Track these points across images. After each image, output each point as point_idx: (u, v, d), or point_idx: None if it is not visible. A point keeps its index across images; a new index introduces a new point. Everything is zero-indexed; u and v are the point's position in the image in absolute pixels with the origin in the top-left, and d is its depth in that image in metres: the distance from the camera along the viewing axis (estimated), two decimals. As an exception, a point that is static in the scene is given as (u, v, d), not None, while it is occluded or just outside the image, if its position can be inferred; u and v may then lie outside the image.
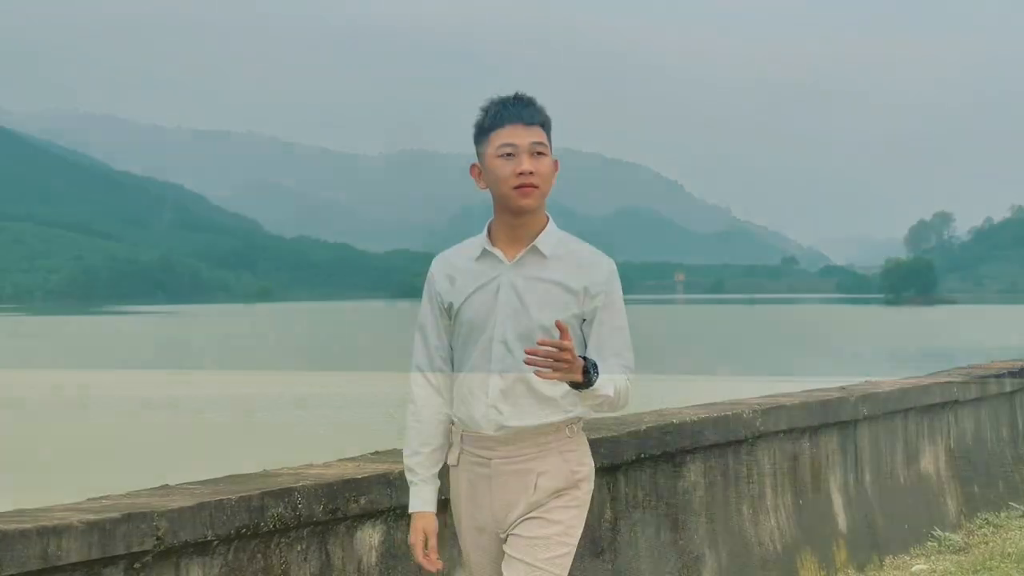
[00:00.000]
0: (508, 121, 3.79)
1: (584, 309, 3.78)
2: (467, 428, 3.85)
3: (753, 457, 7.14)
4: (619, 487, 6.19)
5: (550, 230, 3.84)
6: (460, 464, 3.92)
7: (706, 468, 6.77)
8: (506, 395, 3.78)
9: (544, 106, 3.88)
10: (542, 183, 3.78)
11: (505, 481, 3.83)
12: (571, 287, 3.77)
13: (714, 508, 6.82)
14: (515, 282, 3.79)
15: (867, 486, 8.20)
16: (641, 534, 6.31)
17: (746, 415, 7.01)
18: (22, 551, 3.77)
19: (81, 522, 3.94)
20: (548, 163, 3.81)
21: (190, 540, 4.24)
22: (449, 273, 3.89)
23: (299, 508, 4.58)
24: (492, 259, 3.83)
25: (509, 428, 3.79)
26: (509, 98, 3.83)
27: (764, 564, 7.07)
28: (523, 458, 3.81)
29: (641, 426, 6.30)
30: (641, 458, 6.26)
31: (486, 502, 3.87)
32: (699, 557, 6.65)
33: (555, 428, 3.81)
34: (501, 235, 3.84)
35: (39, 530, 3.82)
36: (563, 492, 3.84)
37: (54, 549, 3.85)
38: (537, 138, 3.79)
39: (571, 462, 3.85)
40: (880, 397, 8.29)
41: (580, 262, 3.81)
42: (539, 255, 3.80)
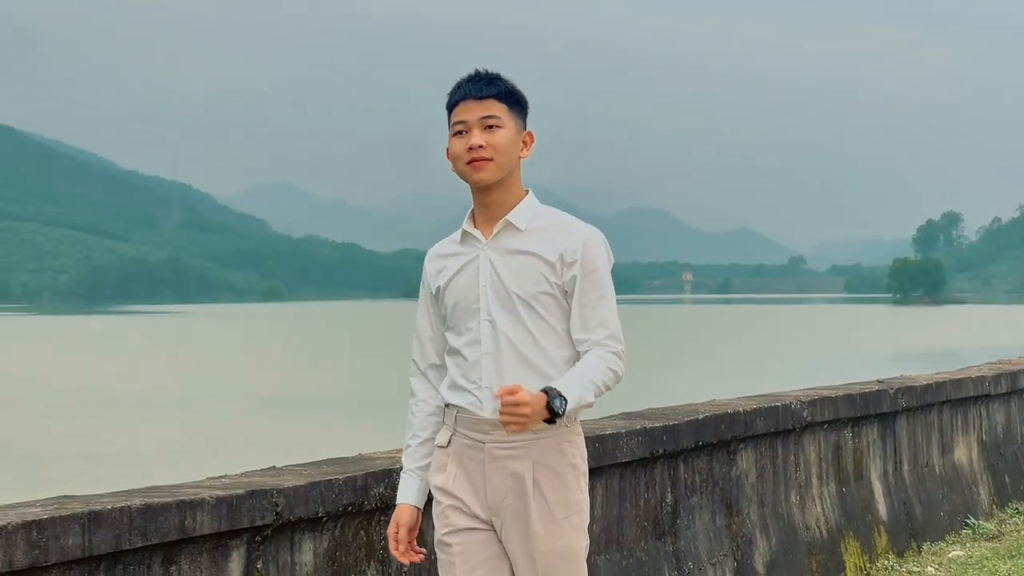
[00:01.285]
0: (460, 98, 3.78)
1: (563, 280, 3.72)
2: (462, 410, 3.77)
3: (800, 446, 7.48)
4: (679, 473, 6.52)
5: (526, 204, 3.80)
6: (451, 445, 3.81)
7: (757, 456, 7.10)
8: (501, 375, 3.71)
9: (510, 80, 3.82)
10: (496, 155, 3.73)
11: (500, 466, 3.73)
12: (546, 257, 3.72)
13: (764, 494, 7.16)
14: (492, 258, 3.77)
15: (905, 475, 8.54)
16: (698, 518, 6.64)
17: (794, 406, 7.34)
18: (164, 522, 4.13)
19: (212, 497, 4.29)
20: (504, 135, 3.73)
21: (303, 516, 4.59)
22: (437, 262, 3.90)
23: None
24: (471, 239, 3.82)
25: None
26: (465, 77, 3.82)
27: (811, 548, 7.41)
28: (518, 443, 3.71)
29: (699, 415, 6.63)
30: (699, 445, 6.60)
31: (480, 486, 3.76)
32: (751, 540, 6.98)
33: None
34: (479, 215, 3.83)
35: (178, 504, 4.17)
36: (565, 500, 3.72)
37: (190, 522, 4.21)
38: (488, 112, 3.74)
39: (567, 453, 3.75)
40: (917, 390, 8.62)
41: (555, 234, 3.75)
42: (514, 229, 3.76)
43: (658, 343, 69.23)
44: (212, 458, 25.14)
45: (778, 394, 7.82)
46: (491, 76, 3.79)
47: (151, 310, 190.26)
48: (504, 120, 3.75)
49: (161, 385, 45.75)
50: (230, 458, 23.19)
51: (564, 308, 3.73)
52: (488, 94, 3.75)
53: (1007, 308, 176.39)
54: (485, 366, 3.72)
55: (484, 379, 3.72)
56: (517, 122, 3.79)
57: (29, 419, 34.91)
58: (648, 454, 6.23)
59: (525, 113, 3.83)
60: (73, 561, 3.90)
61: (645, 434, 6.21)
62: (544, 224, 3.76)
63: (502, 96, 3.76)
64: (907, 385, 8.57)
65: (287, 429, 31.35)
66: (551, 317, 3.71)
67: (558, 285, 3.71)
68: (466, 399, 3.76)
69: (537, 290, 3.71)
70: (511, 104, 3.77)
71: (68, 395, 41.80)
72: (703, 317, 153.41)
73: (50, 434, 31.85)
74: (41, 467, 26.37)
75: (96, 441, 30.25)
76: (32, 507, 4.03)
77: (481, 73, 3.80)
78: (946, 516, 8.83)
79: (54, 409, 37.41)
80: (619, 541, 6.13)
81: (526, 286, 3.71)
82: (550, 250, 3.72)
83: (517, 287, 3.72)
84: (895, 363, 46.97)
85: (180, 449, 28.47)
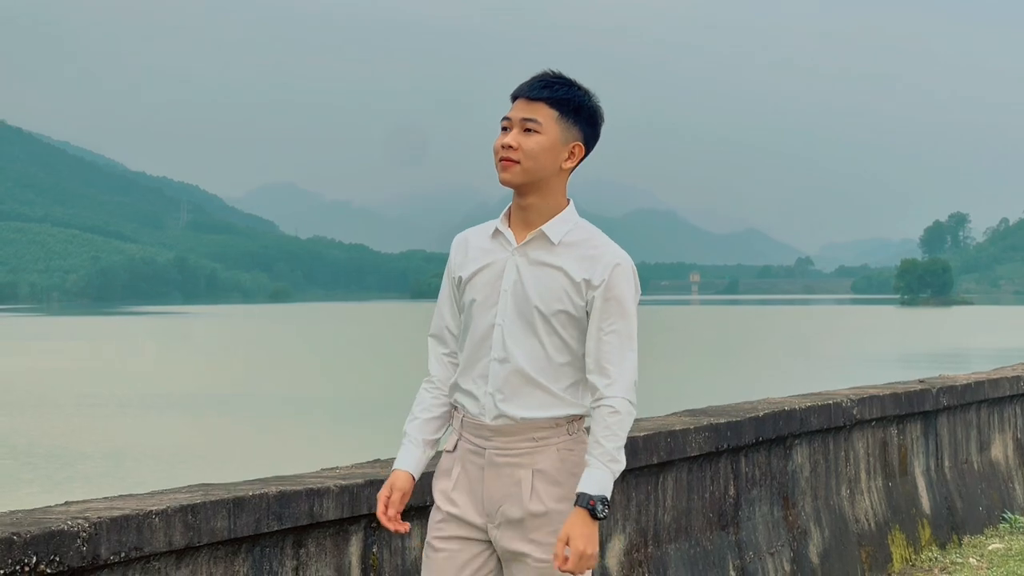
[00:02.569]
0: (518, 95, 3.72)
1: (586, 301, 3.66)
2: (467, 414, 3.74)
3: (850, 443, 7.84)
4: (740, 467, 6.88)
5: (563, 217, 3.73)
6: (457, 451, 3.79)
7: (811, 451, 7.46)
8: (507, 383, 3.67)
9: (581, 88, 3.75)
10: (524, 159, 3.65)
11: (499, 473, 3.69)
12: (573, 276, 3.66)
13: (817, 488, 7.52)
14: (519, 264, 3.71)
15: (946, 471, 8.89)
16: (758, 510, 7.00)
17: (844, 404, 7.70)
18: (296, 508, 4.49)
19: (336, 486, 4.65)
20: (538, 141, 3.66)
21: (413, 504, 4.94)
22: (463, 248, 3.84)
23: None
24: (502, 239, 3.75)
25: (506, 418, 3.67)
26: (536, 75, 3.75)
27: (860, 540, 7.76)
28: (518, 451, 3.68)
29: (759, 412, 6.99)
30: (759, 441, 6.96)
31: (479, 493, 3.73)
32: (806, 532, 7.34)
33: (555, 423, 3.69)
34: (514, 216, 3.76)
35: (307, 492, 4.53)
36: (563, 507, 3.68)
37: (317, 508, 4.57)
38: (530, 114, 3.67)
39: (568, 462, 3.69)
40: (957, 389, 8.97)
41: (587, 252, 3.68)
42: (547, 240, 3.69)
43: (667, 343, 69.46)
44: (235, 458, 25.52)
45: (829, 392, 8.17)
46: (553, 79, 3.72)
47: (160, 311, 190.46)
48: (545, 126, 3.66)
49: (177, 385, 46.10)
50: (259, 458, 23.57)
51: (582, 328, 3.68)
52: (539, 96, 3.68)
53: (1015, 309, 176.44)
54: (492, 371, 3.69)
55: (490, 384, 3.69)
56: (565, 131, 3.69)
57: (49, 419, 35.26)
58: (713, 449, 6.59)
59: (586, 123, 3.73)
60: (220, 542, 4.26)
61: (711, 430, 6.57)
62: (577, 240, 3.70)
63: (554, 102, 3.67)
64: (948, 385, 8.92)
65: (312, 429, 31.72)
66: (567, 335, 3.67)
67: (580, 306, 3.66)
68: (470, 402, 3.73)
69: (558, 307, 3.66)
70: (564, 111, 3.68)
71: (85, 395, 42.13)
72: (711, 318, 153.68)
73: (73, 433, 32.22)
74: (66, 466, 26.78)
75: (119, 440, 30.62)
76: (180, 493, 4.40)
77: (548, 74, 3.73)
78: (984, 511, 9.18)
79: (72, 409, 37.76)
80: (688, 531, 6.48)
81: (548, 300, 3.66)
82: (578, 269, 3.66)
83: (539, 300, 3.66)
84: (905, 365, 47.26)
85: (204, 449, 28.86)
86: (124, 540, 3.95)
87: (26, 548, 3.72)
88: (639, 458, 6.07)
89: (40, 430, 32.85)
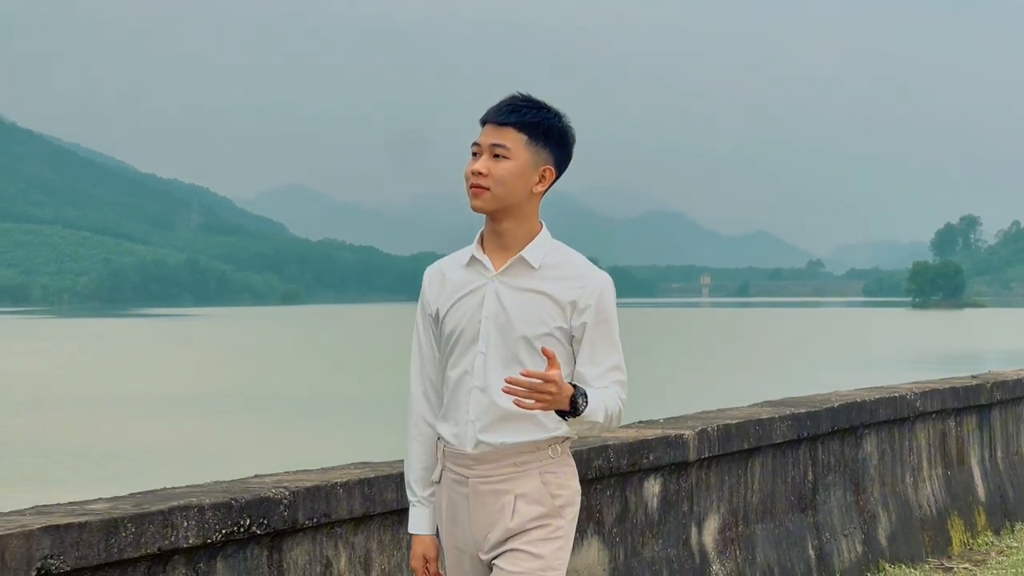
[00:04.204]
0: (486, 120, 3.70)
1: (572, 324, 3.64)
2: (448, 444, 3.72)
3: (912, 433, 8.34)
4: (817, 454, 7.39)
5: (539, 241, 3.70)
6: (442, 482, 3.76)
7: (879, 440, 7.97)
8: (486, 411, 3.64)
9: (551, 110, 3.71)
10: (495, 186, 3.63)
11: (482, 501, 3.67)
12: (558, 299, 3.63)
13: (884, 475, 8.03)
14: (500, 292, 3.67)
15: (999, 462, 9.39)
16: (833, 494, 7.52)
17: (908, 397, 8.20)
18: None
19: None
20: (508, 167, 3.63)
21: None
22: (438, 280, 3.79)
23: (611, 461, 5.79)
24: (479, 266, 3.71)
25: (487, 445, 3.64)
26: (504, 99, 3.72)
27: (923, 525, 8.27)
28: (500, 478, 3.65)
29: (834, 403, 7.51)
30: (833, 430, 7.47)
31: (465, 522, 3.71)
32: (875, 516, 7.84)
33: (535, 447, 3.66)
34: (488, 242, 3.73)
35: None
36: (545, 521, 3.68)
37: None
38: (499, 139, 3.64)
39: (551, 485, 3.67)
40: (1009, 384, 9.47)
41: (570, 274, 3.66)
42: (527, 265, 3.66)
43: (677, 346, 69.88)
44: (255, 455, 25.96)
45: (893, 386, 8.69)
46: (520, 103, 3.69)
47: (171, 313, 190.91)
48: (514, 151, 3.64)
49: (194, 386, 46.67)
50: (276, 456, 23.99)
51: (567, 352, 3.66)
52: (508, 121, 3.65)
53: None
54: (474, 399, 3.65)
55: (472, 412, 3.66)
56: (535, 155, 3.66)
57: (69, 419, 35.74)
58: (795, 437, 7.11)
59: (556, 146, 3.71)
60: (389, 512, 4.76)
61: (793, 419, 7.08)
62: (556, 262, 3.68)
63: (522, 126, 3.65)
64: (999, 380, 9.42)
65: (326, 429, 32.17)
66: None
67: (564, 330, 3.64)
68: (450, 431, 3.70)
69: (543, 331, 3.63)
70: (533, 135, 3.66)
71: (101, 396, 42.61)
72: (722, 320, 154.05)
73: (96, 433, 32.72)
74: (95, 464, 27.28)
75: (143, 438, 31.11)
76: (352, 469, 4.90)
77: (516, 98, 3.70)
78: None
79: (92, 408, 38.26)
80: (772, 512, 6.99)
81: (532, 326, 3.63)
82: (562, 292, 3.63)
83: (524, 326, 3.63)
84: (919, 367, 47.63)
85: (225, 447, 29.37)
86: (316, 507, 4.46)
87: (241, 512, 4.24)
88: (731, 444, 6.59)
89: (64, 429, 33.39)
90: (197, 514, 4.08)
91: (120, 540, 3.85)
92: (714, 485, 6.54)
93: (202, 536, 4.09)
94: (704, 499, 6.47)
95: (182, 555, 4.08)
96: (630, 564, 5.95)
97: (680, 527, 6.29)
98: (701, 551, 6.42)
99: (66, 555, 3.71)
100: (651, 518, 6.10)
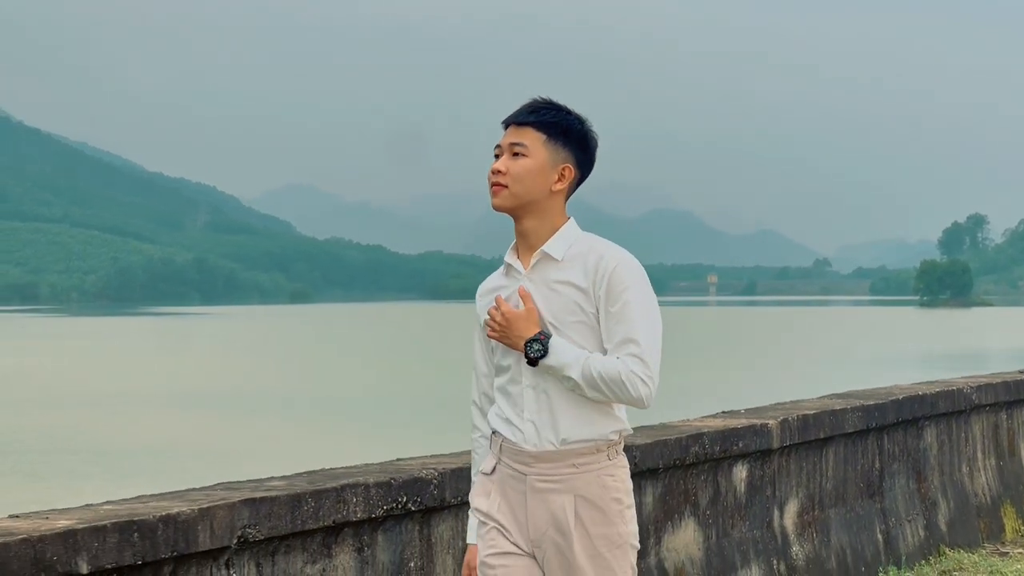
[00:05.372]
0: (507, 122, 3.80)
1: (596, 307, 3.71)
2: (506, 440, 3.77)
3: (968, 425, 8.74)
4: (883, 443, 7.80)
5: (563, 233, 3.78)
6: (495, 473, 3.81)
7: (938, 432, 8.38)
8: (542, 410, 3.72)
9: (570, 112, 3.80)
10: (512, 183, 3.71)
11: (542, 498, 3.71)
12: (580, 285, 3.71)
13: (943, 464, 8.43)
14: (531, 289, 3.75)
15: (1046, 452, 9.78)
16: (897, 482, 7.92)
17: (965, 390, 8.60)
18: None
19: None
20: (525, 165, 3.72)
21: (648, 468, 5.85)
22: (486, 297, 3.88)
23: (706, 447, 6.20)
24: (513, 271, 3.81)
25: (548, 444, 3.71)
26: (526, 102, 3.83)
27: (979, 512, 8.67)
28: (559, 477, 3.70)
29: (899, 396, 7.92)
30: (898, 421, 7.87)
31: (521, 518, 3.75)
32: (935, 503, 8.25)
33: (596, 448, 3.73)
34: (519, 245, 3.82)
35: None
36: (610, 535, 3.73)
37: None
38: (518, 139, 3.74)
39: (610, 488, 3.74)
40: (1055, 379, 9.86)
41: (590, 259, 3.72)
42: (551, 260, 3.75)
43: (686, 344, 70.19)
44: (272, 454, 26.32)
45: (949, 380, 9.09)
46: (540, 105, 3.79)
47: (179, 311, 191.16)
48: (532, 149, 3.73)
49: (207, 384, 47.10)
50: (290, 453, 24.35)
51: (598, 336, 3.72)
52: (527, 121, 3.75)
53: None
54: (527, 399, 3.72)
55: (527, 412, 3.72)
56: (552, 153, 3.74)
57: (87, 416, 36.11)
58: (864, 427, 7.51)
59: (576, 146, 3.79)
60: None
61: (863, 410, 7.50)
62: (580, 251, 3.75)
63: (541, 125, 3.74)
64: (1047, 375, 9.81)
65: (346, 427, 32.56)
66: (587, 344, 3.69)
67: (592, 313, 3.70)
68: (510, 430, 3.76)
69: (572, 319, 3.70)
70: (551, 134, 3.74)
71: (116, 393, 42.99)
72: (729, 319, 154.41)
73: (117, 430, 33.10)
74: (118, 462, 27.69)
75: (163, 436, 31.47)
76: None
77: (537, 101, 3.80)
78: (1079, 489, 10.07)
79: (109, 406, 38.65)
80: (844, 498, 7.40)
81: (561, 315, 3.70)
82: (583, 278, 3.71)
83: (552, 316, 3.71)
84: (928, 365, 47.94)
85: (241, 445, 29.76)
86: (460, 487, 4.87)
87: (400, 490, 4.66)
88: (808, 433, 7.00)
89: (87, 426, 33.79)
90: (364, 491, 4.50)
91: (303, 513, 4.27)
92: (793, 471, 6.95)
93: (367, 511, 4.51)
94: (784, 484, 6.88)
95: (351, 528, 4.49)
96: (721, 544, 6.37)
97: (764, 510, 6.71)
98: (782, 533, 6.83)
99: (260, 525, 4.13)
100: (739, 501, 6.52)
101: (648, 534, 5.91)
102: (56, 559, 3.55)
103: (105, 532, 3.68)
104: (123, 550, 3.73)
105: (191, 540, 3.92)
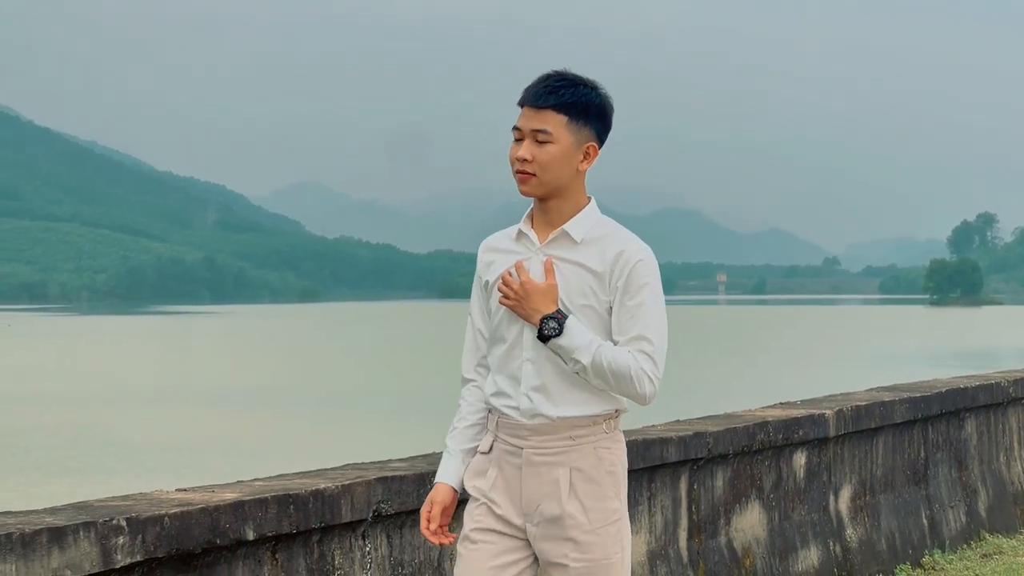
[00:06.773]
0: (524, 103, 3.69)
1: (609, 296, 3.67)
2: (502, 415, 3.74)
3: (1005, 417, 9.16)
4: (927, 434, 8.22)
5: (585, 214, 3.73)
6: (492, 452, 3.77)
7: (977, 423, 8.80)
8: (541, 383, 3.68)
9: (587, 83, 3.71)
10: (541, 172, 3.65)
11: (536, 471, 3.69)
12: (595, 270, 3.66)
13: (983, 454, 8.86)
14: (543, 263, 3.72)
15: (1078, 444, 10.19)
16: (941, 471, 8.34)
17: (1003, 384, 9.02)
18: (650, 453, 5.81)
19: (675, 436, 5.97)
20: (552, 151, 3.65)
21: (721, 453, 6.27)
22: (488, 254, 3.84)
23: (770, 435, 6.63)
24: (526, 240, 3.75)
25: (543, 417, 3.67)
26: (538, 78, 3.71)
27: (1015, 499, 9.09)
28: (555, 450, 3.67)
29: (942, 389, 8.35)
30: (940, 413, 8.29)
31: (516, 494, 3.72)
32: (975, 491, 8.67)
33: (592, 421, 3.69)
34: (537, 217, 3.76)
35: (646, 441, 5.85)
36: (603, 509, 3.70)
37: (664, 453, 5.90)
38: (540, 124, 3.65)
39: (604, 460, 3.71)
40: (1087, 373, 10.27)
41: (610, 247, 3.68)
42: (569, 239, 3.70)
43: (695, 343, 70.48)
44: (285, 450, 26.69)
45: (987, 375, 9.51)
46: (557, 83, 3.69)
47: (189, 310, 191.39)
48: (556, 135, 3.65)
49: (220, 382, 47.53)
50: (297, 451, 24.72)
51: (606, 323, 3.68)
52: (546, 104, 3.65)
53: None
54: (525, 371, 3.69)
55: (524, 385, 3.69)
56: (576, 134, 3.67)
57: (104, 414, 36.51)
58: (911, 418, 7.93)
59: (596, 120, 3.72)
60: None
61: (910, 402, 7.92)
62: (599, 236, 3.71)
63: (561, 107, 3.65)
64: (1078, 369, 10.22)
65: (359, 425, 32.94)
66: (593, 330, 3.66)
67: (604, 301, 3.67)
68: (506, 403, 3.73)
69: (582, 302, 3.67)
70: (573, 115, 3.66)
71: (132, 392, 43.35)
72: (739, 318, 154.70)
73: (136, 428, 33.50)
74: (138, 455, 28.11)
75: (181, 432, 31.88)
76: None
77: (551, 77, 3.70)
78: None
79: (124, 404, 39.06)
80: (892, 485, 7.83)
81: (572, 296, 3.66)
82: (601, 264, 3.67)
83: (563, 296, 3.66)
84: (940, 364, 48.22)
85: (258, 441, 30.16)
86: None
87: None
88: (861, 423, 7.43)
89: (108, 423, 34.20)
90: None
91: (427, 491, 4.68)
92: (847, 459, 7.38)
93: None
94: (839, 471, 7.31)
95: (466, 505, 4.91)
96: (783, 526, 6.80)
97: (821, 495, 7.14)
98: (837, 517, 7.26)
99: (392, 501, 4.57)
100: (799, 486, 6.95)
101: (718, 515, 6.34)
102: (228, 527, 3.99)
103: (267, 504, 4.12)
104: (281, 520, 4.17)
105: (335, 513, 4.36)
